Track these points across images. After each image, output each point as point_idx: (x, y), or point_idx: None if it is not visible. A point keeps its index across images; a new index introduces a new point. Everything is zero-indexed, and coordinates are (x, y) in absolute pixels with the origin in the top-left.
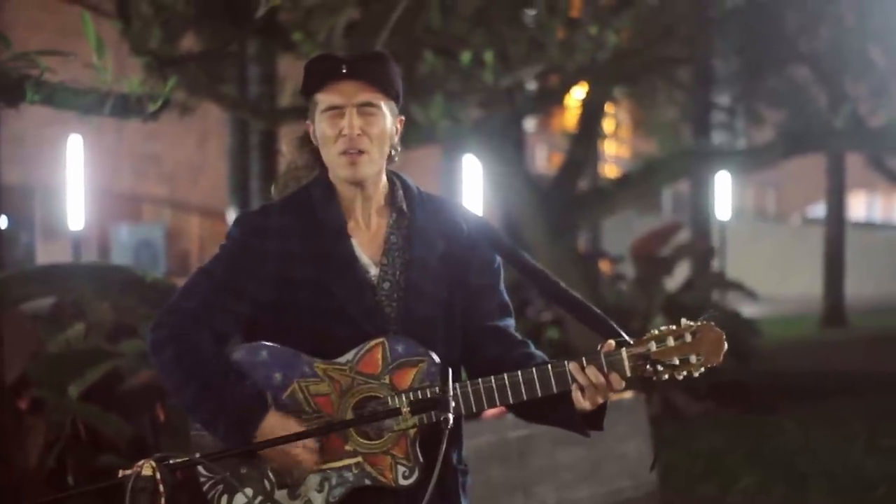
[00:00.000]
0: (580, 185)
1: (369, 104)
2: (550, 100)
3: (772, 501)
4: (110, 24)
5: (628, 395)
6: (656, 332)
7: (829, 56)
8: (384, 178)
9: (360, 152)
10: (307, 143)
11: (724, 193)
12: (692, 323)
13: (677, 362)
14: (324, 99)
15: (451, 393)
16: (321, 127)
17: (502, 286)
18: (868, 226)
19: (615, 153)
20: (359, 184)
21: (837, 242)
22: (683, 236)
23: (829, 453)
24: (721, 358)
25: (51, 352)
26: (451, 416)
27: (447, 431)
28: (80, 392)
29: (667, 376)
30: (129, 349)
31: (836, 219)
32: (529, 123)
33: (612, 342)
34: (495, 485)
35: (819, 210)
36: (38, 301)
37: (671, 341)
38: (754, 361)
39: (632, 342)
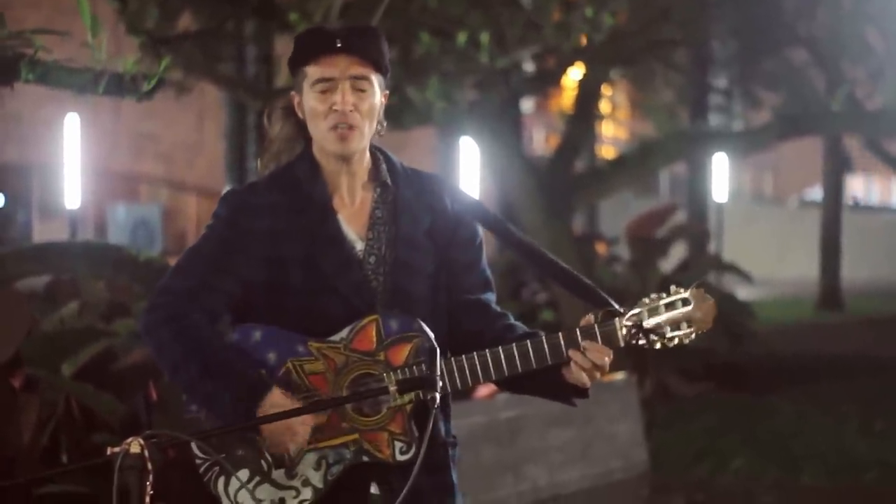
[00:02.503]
0: (577, 167)
1: (362, 78)
2: (547, 81)
3: (764, 483)
4: (108, 3)
5: (619, 376)
6: (647, 300)
7: (826, 39)
8: (367, 153)
9: (351, 127)
10: (291, 115)
11: (722, 175)
12: (682, 290)
13: (669, 330)
14: (314, 71)
15: (438, 372)
16: (310, 101)
17: (485, 262)
18: (865, 209)
19: (613, 135)
20: (346, 158)
21: (834, 225)
22: (680, 218)
23: (822, 436)
24: (712, 324)
25: (45, 330)
26: (437, 396)
27: (434, 410)
28: (74, 370)
29: (659, 345)
30: (123, 328)
31: (833, 202)
32: (527, 105)
33: (599, 313)
34: (486, 465)
35: (816, 193)
36: (35, 279)
37: (663, 309)
38: (749, 344)
39: (623, 311)
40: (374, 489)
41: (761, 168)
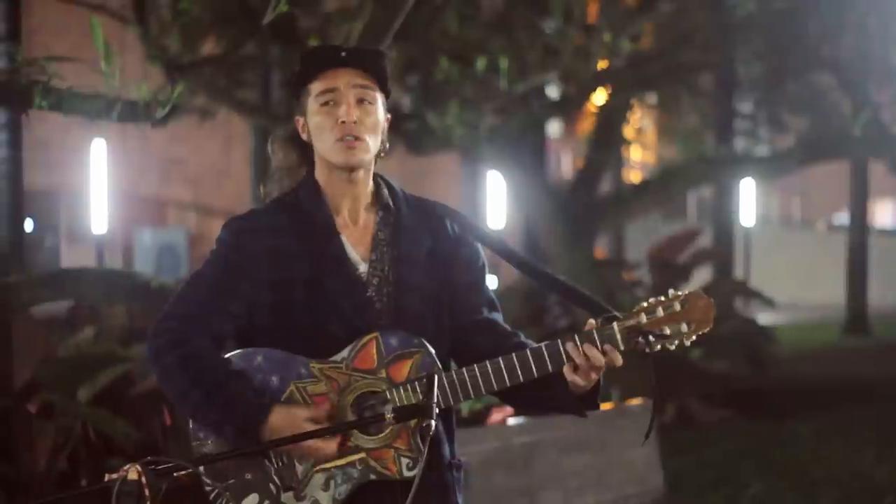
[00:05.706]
0: (602, 191)
1: (367, 88)
2: (569, 106)
3: None
4: (129, 29)
5: (637, 401)
6: (645, 304)
7: (852, 62)
8: (371, 177)
9: (357, 138)
10: (292, 142)
11: (749, 200)
12: (680, 292)
13: (668, 332)
14: (319, 85)
15: (435, 399)
16: (316, 118)
17: (487, 284)
18: (894, 233)
19: (641, 159)
20: (352, 171)
21: (860, 250)
22: (705, 242)
23: (840, 461)
24: (711, 324)
25: (62, 355)
26: (433, 423)
27: (429, 437)
28: (91, 396)
29: (659, 347)
30: (140, 354)
31: (860, 226)
32: (555, 129)
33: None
34: (500, 491)
35: (845, 217)
36: (56, 304)
37: (661, 311)
38: (772, 369)
39: (622, 316)
40: None
41: (790, 192)
